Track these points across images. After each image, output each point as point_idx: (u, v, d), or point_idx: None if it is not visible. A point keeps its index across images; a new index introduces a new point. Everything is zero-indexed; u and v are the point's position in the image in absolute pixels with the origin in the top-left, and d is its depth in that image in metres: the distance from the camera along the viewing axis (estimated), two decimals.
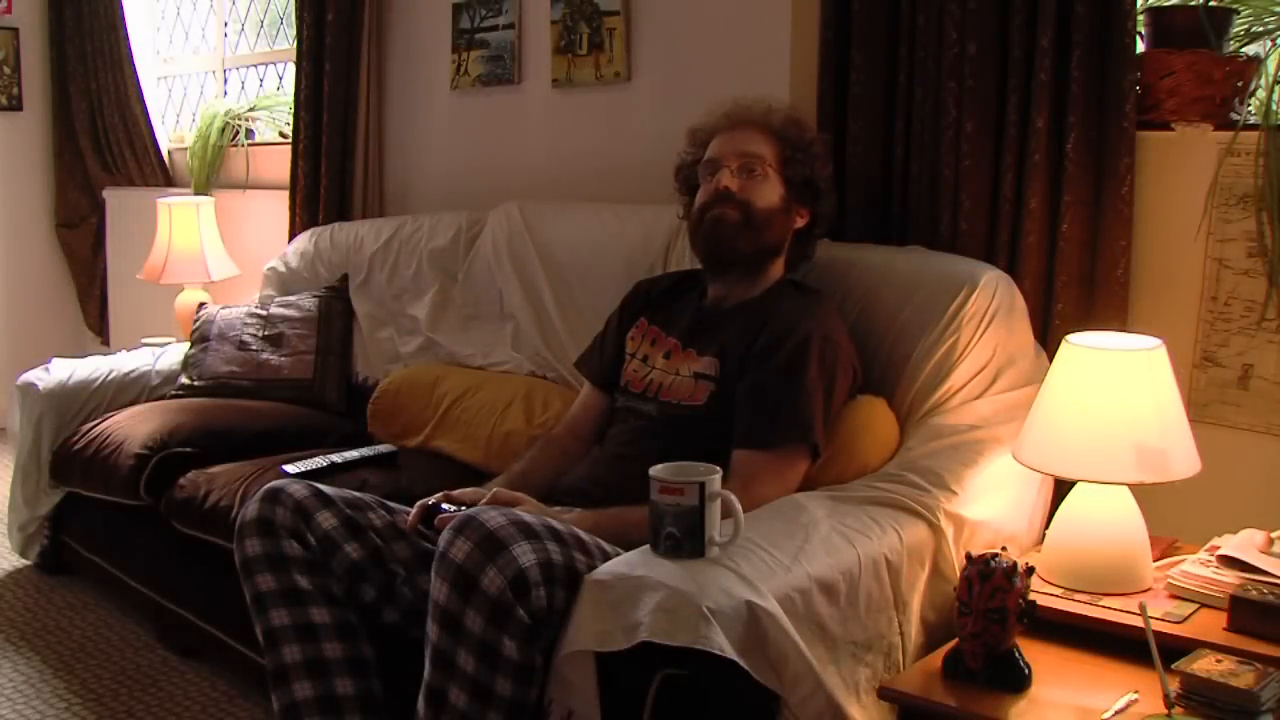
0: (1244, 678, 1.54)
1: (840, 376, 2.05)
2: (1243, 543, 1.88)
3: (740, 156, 2.17)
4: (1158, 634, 1.60)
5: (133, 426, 2.91)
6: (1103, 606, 1.83)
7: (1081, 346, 1.89)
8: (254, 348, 3.32)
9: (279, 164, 4.10)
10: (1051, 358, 2.00)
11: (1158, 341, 1.89)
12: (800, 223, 2.21)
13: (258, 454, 2.76)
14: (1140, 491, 1.91)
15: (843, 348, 2.07)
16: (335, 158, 3.74)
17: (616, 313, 2.38)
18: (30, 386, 3.22)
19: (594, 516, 1.91)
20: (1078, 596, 1.86)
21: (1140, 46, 2.23)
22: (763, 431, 1.98)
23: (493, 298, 3.05)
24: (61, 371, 3.26)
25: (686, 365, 2.14)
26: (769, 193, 2.16)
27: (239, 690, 2.62)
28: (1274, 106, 2.06)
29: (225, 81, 4.84)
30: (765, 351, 2.03)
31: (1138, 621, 1.65)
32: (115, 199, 4.91)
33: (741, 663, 1.54)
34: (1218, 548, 1.90)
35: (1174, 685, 1.56)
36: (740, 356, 2.06)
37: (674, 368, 2.16)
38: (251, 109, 4.52)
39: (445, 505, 1.95)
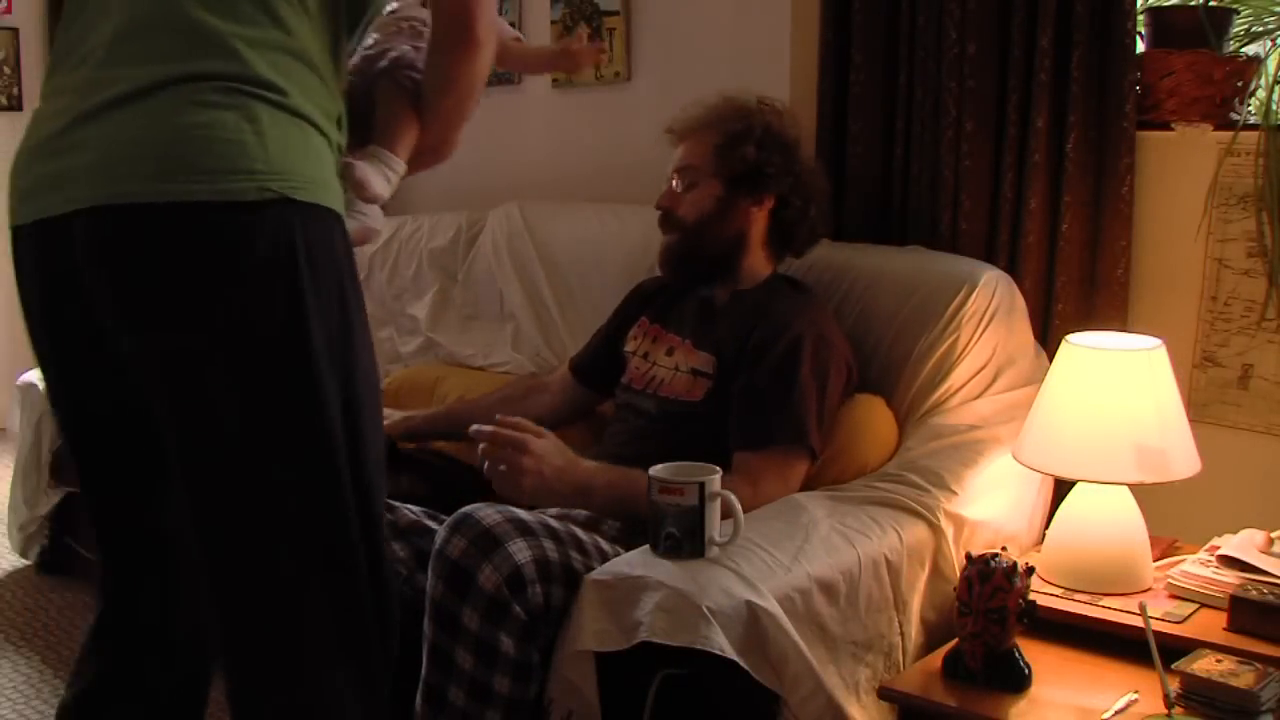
0: (1244, 678, 1.54)
1: (834, 375, 2.04)
2: (1243, 543, 1.88)
3: (676, 173, 2.18)
4: (1158, 634, 1.60)
5: None
6: (1103, 606, 1.83)
7: (1081, 346, 1.89)
8: None
9: None
10: (1051, 358, 2.00)
11: (1158, 341, 1.89)
12: (761, 209, 2.13)
13: None
14: (1140, 491, 1.91)
15: (836, 346, 2.06)
16: None
17: (614, 312, 2.38)
18: (31, 387, 3.21)
19: (608, 473, 1.91)
20: (1078, 596, 1.86)
21: (1140, 46, 2.23)
22: (759, 432, 1.98)
23: (493, 298, 3.05)
24: None
25: (685, 360, 2.14)
26: (701, 200, 2.13)
27: None
28: (1274, 106, 2.07)
29: None
30: (758, 351, 2.03)
31: (1138, 621, 1.65)
32: None
33: (741, 663, 1.54)
34: (1218, 548, 1.90)
35: (1174, 685, 1.56)
36: (734, 355, 2.06)
37: (674, 363, 2.16)
38: None
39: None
